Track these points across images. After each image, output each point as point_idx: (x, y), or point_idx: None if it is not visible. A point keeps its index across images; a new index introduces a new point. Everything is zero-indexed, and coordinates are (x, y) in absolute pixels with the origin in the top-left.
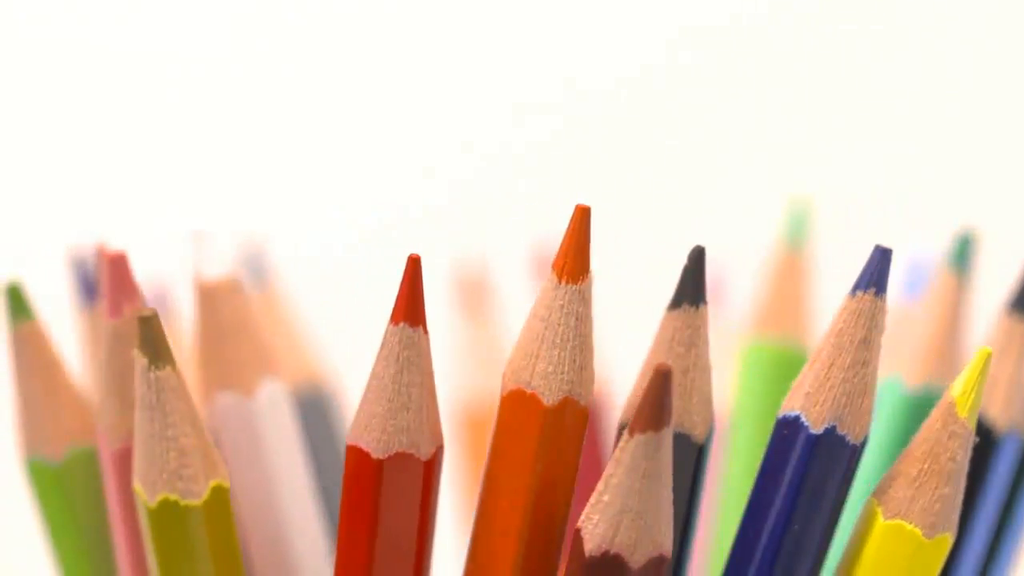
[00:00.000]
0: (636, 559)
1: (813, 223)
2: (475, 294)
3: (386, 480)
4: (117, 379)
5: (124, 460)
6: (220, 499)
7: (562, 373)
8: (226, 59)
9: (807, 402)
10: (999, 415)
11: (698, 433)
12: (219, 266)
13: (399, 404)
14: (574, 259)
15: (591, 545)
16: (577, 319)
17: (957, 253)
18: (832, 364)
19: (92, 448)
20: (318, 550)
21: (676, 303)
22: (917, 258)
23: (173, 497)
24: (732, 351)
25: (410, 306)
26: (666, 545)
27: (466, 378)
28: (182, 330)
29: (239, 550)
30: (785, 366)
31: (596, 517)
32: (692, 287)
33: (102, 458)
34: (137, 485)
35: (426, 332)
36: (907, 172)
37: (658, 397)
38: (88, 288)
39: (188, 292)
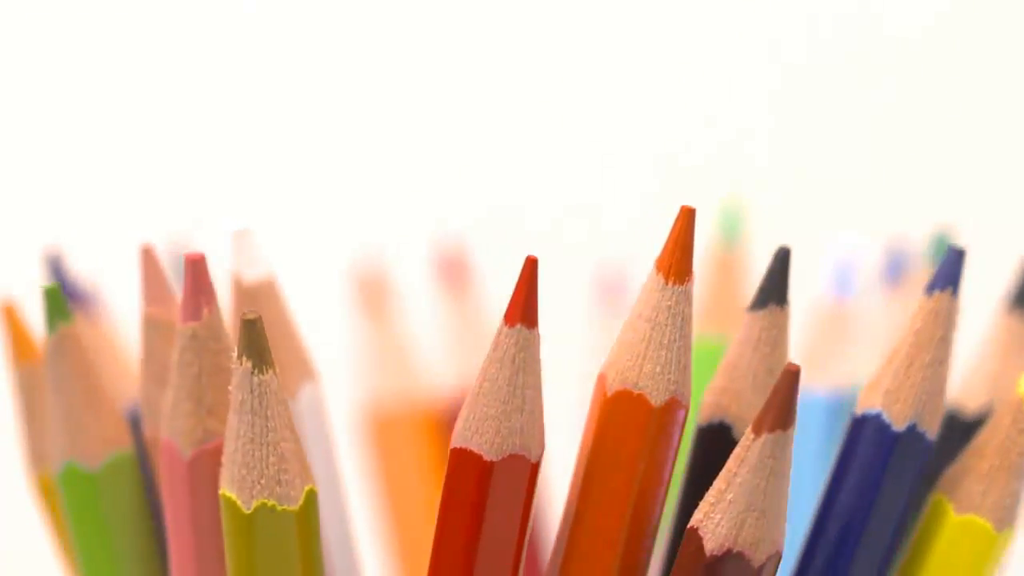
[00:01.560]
0: (758, 557)
1: (746, 222)
2: (375, 294)
3: (495, 482)
4: (192, 383)
5: (199, 465)
6: (312, 504)
7: (669, 374)
8: (238, 60)
9: (887, 400)
10: None
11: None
12: (258, 267)
13: (513, 406)
14: (680, 260)
15: (713, 544)
16: (683, 320)
17: (935, 251)
18: (912, 362)
19: (129, 454)
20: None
21: (761, 303)
22: (846, 256)
23: (271, 503)
24: None
25: (527, 307)
26: (781, 542)
27: (369, 379)
28: (115, 330)
29: (322, 555)
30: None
31: (718, 516)
32: (778, 287)
33: (162, 463)
34: (228, 491)
35: (538, 333)
36: (842, 169)
37: (788, 397)
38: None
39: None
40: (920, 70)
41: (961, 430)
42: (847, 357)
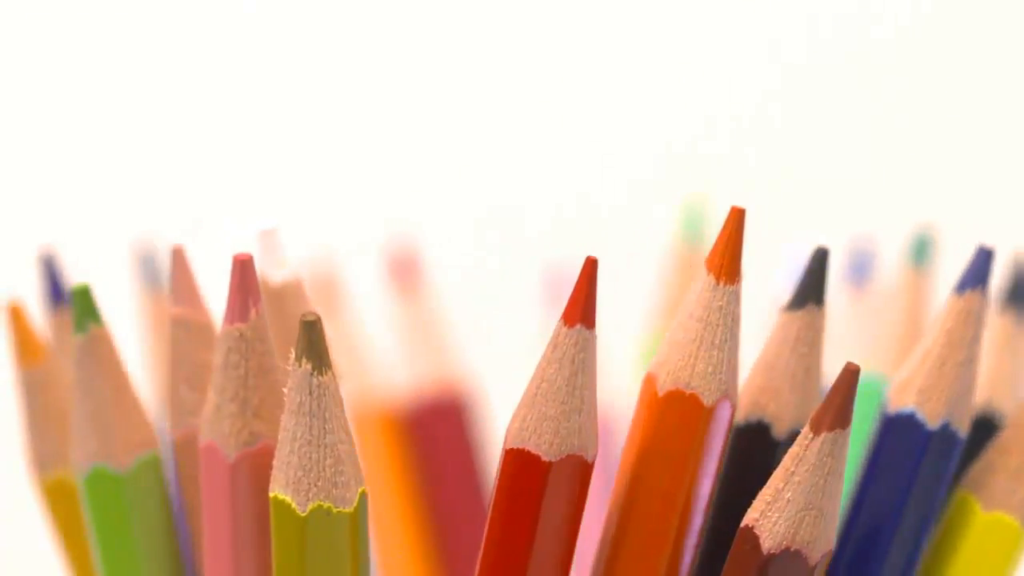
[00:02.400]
0: (814, 556)
1: (708, 220)
2: (329, 292)
3: (552, 483)
4: (237, 385)
5: (243, 468)
6: (364, 506)
7: (720, 374)
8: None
9: (921, 398)
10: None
11: None
12: (284, 267)
13: (572, 407)
14: (731, 260)
15: (771, 543)
16: (733, 320)
17: (917, 251)
18: (945, 361)
19: (155, 456)
20: None
21: (800, 303)
22: (800, 256)
23: (327, 505)
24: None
25: (586, 308)
26: (833, 541)
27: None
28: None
29: (368, 557)
30: None
31: (775, 515)
32: (816, 287)
33: (202, 466)
34: (281, 493)
35: (596, 334)
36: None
37: (847, 396)
38: (56, 292)
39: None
40: (910, 69)
41: None
42: None
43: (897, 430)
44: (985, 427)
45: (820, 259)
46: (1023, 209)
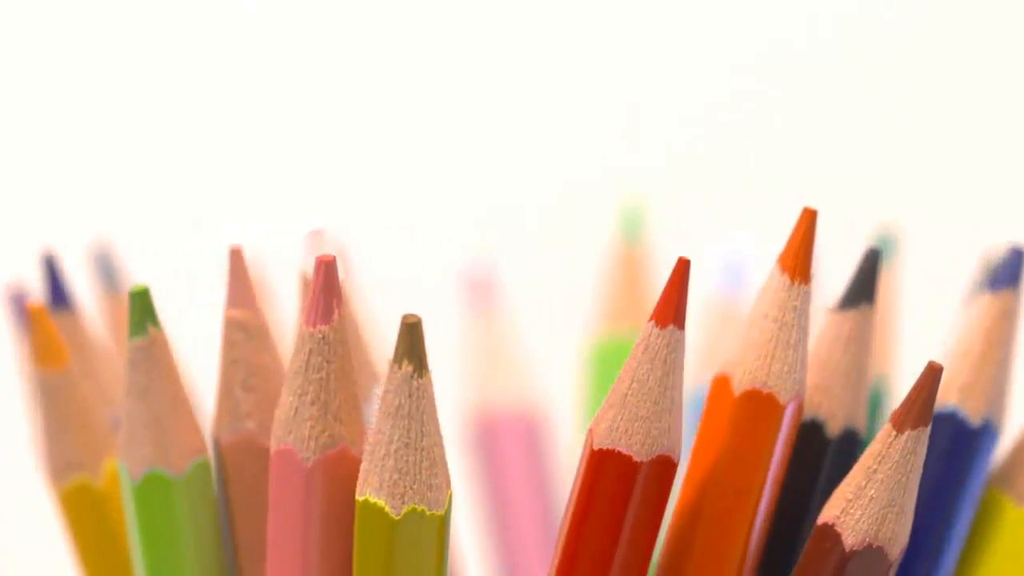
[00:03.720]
0: (893, 552)
1: (647, 219)
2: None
3: (641, 483)
4: (318, 388)
5: (321, 472)
6: (451, 508)
7: (795, 373)
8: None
9: (962, 396)
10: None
11: (863, 429)
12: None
13: (663, 407)
14: (804, 260)
15: (853, 540)
16: (806, 320)
17: (881, 247)
18: (985, 360)
19: (206, 460)
20: None
21: (852, 302)
22: (731, 254)
23: (420, 508)
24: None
25: (678, 308)
26: (907, 537)
27: None
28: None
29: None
30: None
31: (858, 512)
32: (868, 286)
33: (274, 470)
34: (373, 497)
35: (685, 335)
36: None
37: (929, 395)
38: (58, 293)
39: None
40: (897, 67)
41: None
42: None
43: (938, 428)
44: None
45: (871, 259)
46: (1007, 208)
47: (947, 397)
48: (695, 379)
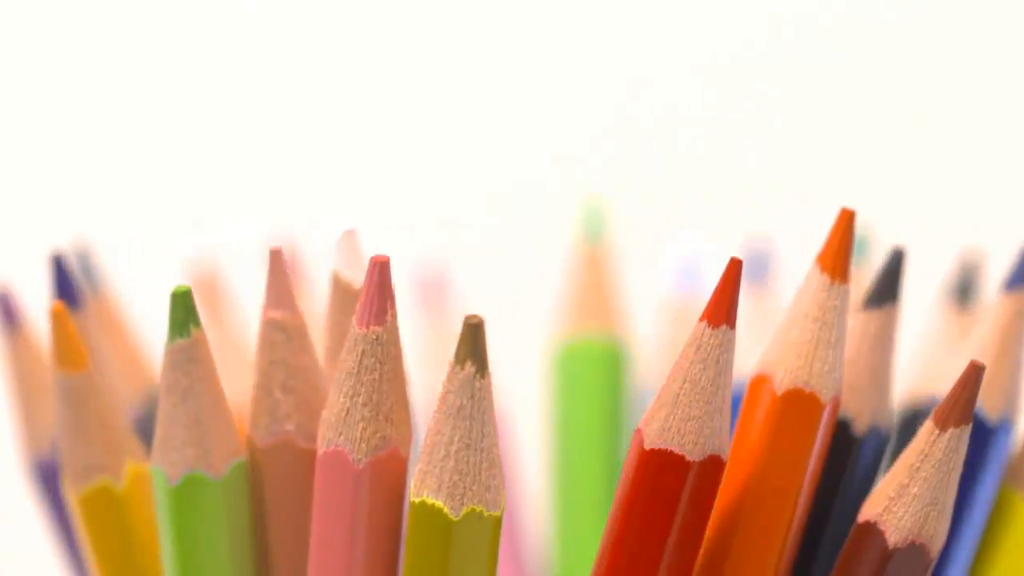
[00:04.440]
0: (935, 550)
1: (608, 219)
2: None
3: (692, 483)
4: (371, 389)
5: (371, 474)
6: (504, 508)
7: (834, 372)
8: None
9: (981, 395)
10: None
11: (887, 428)
12: (361, 269)
13: (715, 407)
14: (844, 260)
15: (896, 537)
16: (845, 319)
17: (857, 250)
18: (1001, 359)
19: (244, 461)
20: None
21: (878, 302)
22: (688, 254)
23: (479, 509)
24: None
25: (730, 308)
26: (946, 534)
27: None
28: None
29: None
30: (606, 360)
31: (901, 510)
32: (893, 286)
33: (321, 472)
34: (431, 498)
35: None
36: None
37: (972, 393)
38: (68, 291)
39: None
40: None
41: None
42: None
43: None
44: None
45: (896, 259)
46: (987, 207)
47: None
48: (655, 379)
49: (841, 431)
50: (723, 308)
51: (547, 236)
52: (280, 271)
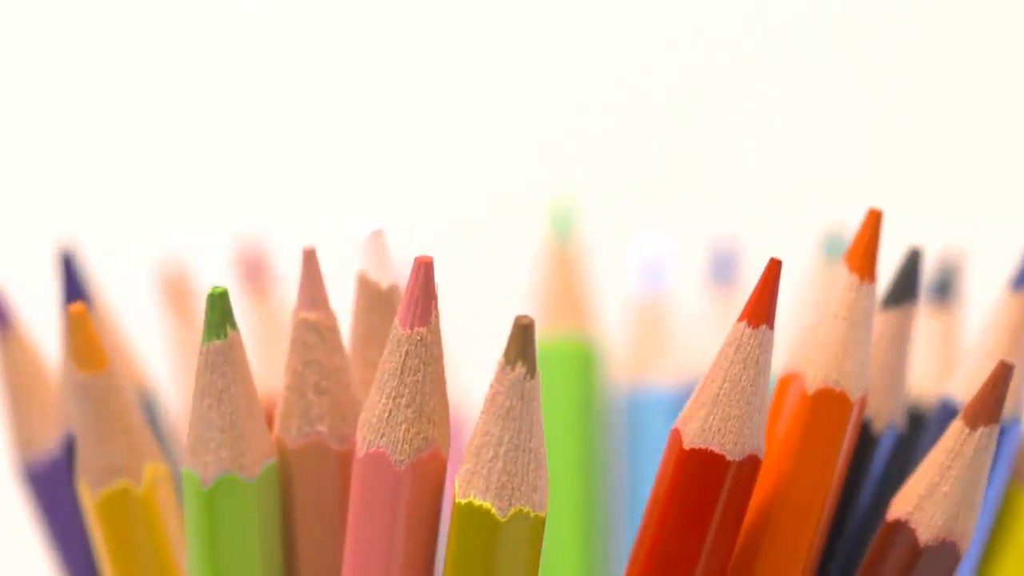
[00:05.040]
0: (964, 547)
1: (577, 219)
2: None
3: (730, 482)
4: (414, 390)
5: (412, 475)
6: (547, 510)
7: (864, 371)
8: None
9: None
10: None
11: (902, 427)
12: (388, 271)
13: (755, 406)
14: (872, 260)
15: (928, 536)
16: (872, 319)
17: (828, 248)
18: (1010, 358)
19: (275, 463)
20: None
21: (895, 302)
22: (651, 253)
23: (526, 510)
24: None
25: (769, 309)
26: (974, 532)
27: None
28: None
29: None
30: (578, 359)
31: (932, 509)
32: (911, 286)
33: (361, 474)
34: (479, 499)
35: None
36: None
37: (1002, 391)
38: (77, 290)
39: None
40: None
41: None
42: (679, 352)
43: None
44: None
45: (914, 259)
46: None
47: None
48: (641, 376)
49: (862, 430)
50: (763, 308)
51: (526, 236)
52: (314, 272)
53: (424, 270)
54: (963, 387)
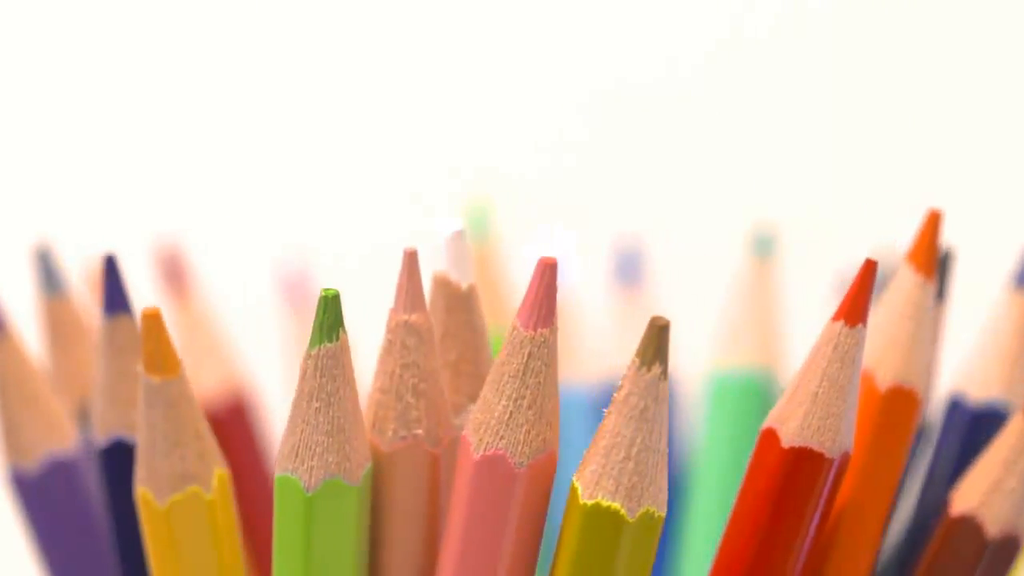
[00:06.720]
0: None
1: (493, 215)
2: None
3: (830, 479)
4: (535, 392)
5: (529, 477)
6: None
7: (930, 368)
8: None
9: (1004, 391)
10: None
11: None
12: (467, 271)
13: (851, 404)
14: (934, 259)
15: (995, 529)
16: (931, 316)
17: (758, 247)
18: (1020, 354)
19: (371, 466)
20: None
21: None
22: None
23: (652, 509)
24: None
25: (865, 308)
26: None
27: None
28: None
29: None
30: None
31: (998, 503)
32: (943, 285)
33: (475, 476)
34: (608, 500)
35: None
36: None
37: None
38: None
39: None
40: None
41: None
42: (594, 351)
43: (983, 423)
44: None
45: (946, 259)
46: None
47: (989, 393)
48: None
49: None
50: (859, 307)
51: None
52: (414, 273)
53: (548, 271)
54: (976, 384)
